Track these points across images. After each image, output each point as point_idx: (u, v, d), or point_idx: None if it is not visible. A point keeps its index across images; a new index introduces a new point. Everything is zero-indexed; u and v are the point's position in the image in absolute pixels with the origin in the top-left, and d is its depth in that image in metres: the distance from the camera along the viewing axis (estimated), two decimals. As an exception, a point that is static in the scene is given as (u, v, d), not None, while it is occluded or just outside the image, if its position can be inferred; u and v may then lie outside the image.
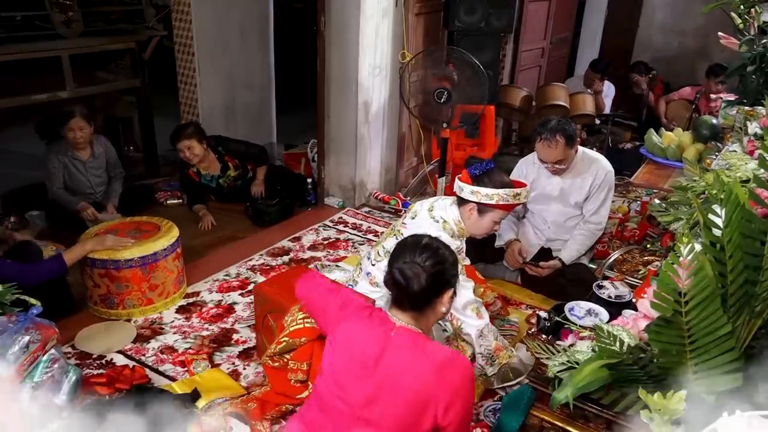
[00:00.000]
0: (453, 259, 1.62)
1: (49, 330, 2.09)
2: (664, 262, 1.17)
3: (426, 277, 1.53)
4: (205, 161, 3.96)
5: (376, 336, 1.55)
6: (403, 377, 1.48)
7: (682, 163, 2.89)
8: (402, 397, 1.47)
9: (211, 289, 3.14)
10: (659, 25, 6.91)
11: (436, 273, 1.55)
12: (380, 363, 1.51)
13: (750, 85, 2.55)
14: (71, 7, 3.98)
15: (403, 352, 1.50)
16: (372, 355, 1.52)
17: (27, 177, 4.04)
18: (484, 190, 2.28)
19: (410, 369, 1.48)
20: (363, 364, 1.53)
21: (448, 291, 1.60)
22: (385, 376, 1.50)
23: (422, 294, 1.54)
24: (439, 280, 1.56)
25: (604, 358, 1.31)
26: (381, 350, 1.52)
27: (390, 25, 3.94)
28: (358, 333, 1.59)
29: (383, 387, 1.50)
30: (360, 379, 1.53)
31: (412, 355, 1.49)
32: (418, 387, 1.46)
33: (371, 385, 1.51)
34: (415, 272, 1.53)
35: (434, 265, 1.55)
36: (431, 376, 1.46)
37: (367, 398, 1.51)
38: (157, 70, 5.01)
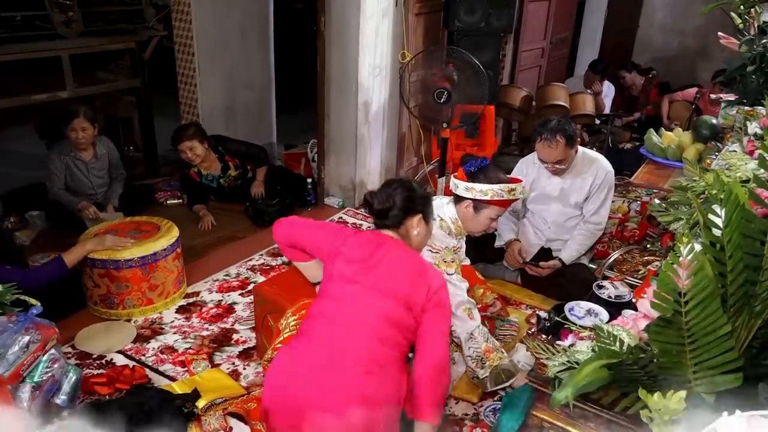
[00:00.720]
0: (422, 194, 1.99)
1: (49, 330, 2.09)
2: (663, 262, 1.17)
3: (390, 198, 1.91)
4: (206, 161, 3.96)
5: (374, 244, 1.87)
6: (400, 272, 1.82)
7: (682, 163, 2.88)
8: (400, 287, 1.79)
9: (211, 289, 3.14)
10: (659, 25, 6.91)
11: (403, 197, 1.91)
12: (381, 261, 1.83)
13: (750, 85, 2.54)
14: (71, 7, 3.98)
15: (398, 255, 1.86)
16: (374, 256, 1.84)
17: (27, 177, 4.04)
18: (479, 186, 2.29)
19: (405, 267, 1.84)
20: (367, 263, 1.83)
21: (415, 215, 1.94)
22: (386, 270, 1.82)
23: (389, 210, 1.91)
24: (405, 203, 1.91)
25: (604, 358, 1.31)
26: (381, 252, 1.84)
27: (390, 25, 3.94)
28: (358, 244, 1.89)
29: (386, 278, 1.81)
30: (366, 274, 1.82)
31: (405, 258, 1.87)
32: (411, 281, 1.81)
33: (377, 277, 1.81)
34: (381, 196, 1.93)
35: (402, 192, 1.92)
36: (421, 274, 1.83)
37: (374, 286, 1.79)
38: (157, 70, 5.01)
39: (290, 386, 1.71)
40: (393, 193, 1.93)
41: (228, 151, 4.08)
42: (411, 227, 1.95)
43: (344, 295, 1.82)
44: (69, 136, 3.61)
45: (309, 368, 1.71)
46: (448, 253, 2.36)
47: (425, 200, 2.00)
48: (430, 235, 2.06)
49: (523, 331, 2.81)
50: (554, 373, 1.46)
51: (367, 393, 1.68)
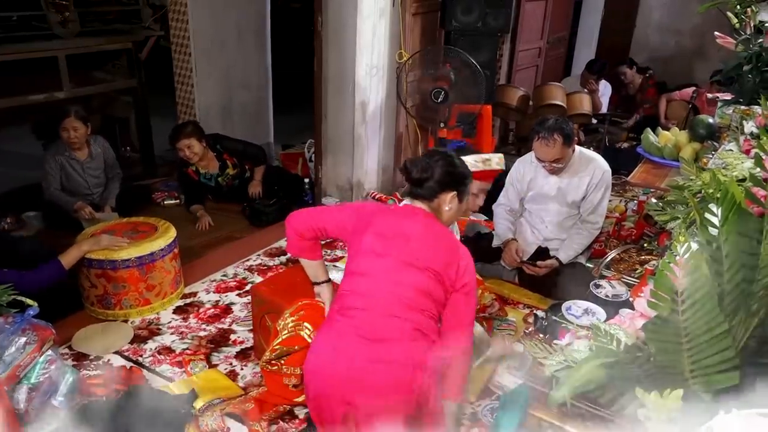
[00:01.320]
0: (463, 172, 1.94)
1: (45, 331, 2.08)
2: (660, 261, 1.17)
3: (430, 169, 1.86)
4: (204, 160, 3.96)
5: (406, 217, 1.88)
6: (432, 247, 1.82)
7: (678, 162, 2.88)
8: (433, 261, 1.79)
9: (209, 289, 3.14)
10: (656, 24, 6.91)
11: (442, 171, 1.87)
12: (414, 234, 1.83)
13: (746, 84, 2.55)
14: (68, 7, 3.97)
15: (430, 229, 1.85)
16: (406, 229, 1.84)
17: (24, 177, 4.04)
18: None
19: (437, 242, 1.83)
20: (400, 236, 1.83)
21: (450, 191, 1.89)
22: (419, 244, 1.81)
23: (425, 181, 1.87)
24: (444, 177, 1.87)
25: (602, 357, 1.31)
26: (413, 225, 1.85)
27: (387, 25, 3.94)
28: (388, 217, 1.89)
29: (419, 252, 1.80)
30: (398, 247, 1.81)
31: (437, 233, 1.86)
32: (443, 256, 1.80)
33: (409, 250, 1.80)
34: (420, 165, 1.88)
35: (443, 165, 1.88)
36: (453, 251, 1.83)
37: (407, 260, 1.79)
38: (154, 71, 5.01)
39: (337, 366, 1.72)
40: (433, 164, 1.89)
41: (226, 150, 4.08)
42: (444, 202, 1.91)
43: (378, 270, 1.81)
44: (62, 136, 3.60)
45: (354, 346, 1.72)
46: None
47: (464, 178, 1.97)
48: (461, 213, 2.04)
49: (521, 330, 2.81)
50: (552, 372, 1.46)
51: (417, 359, 1.72)
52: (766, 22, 2.48)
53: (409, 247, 1.81)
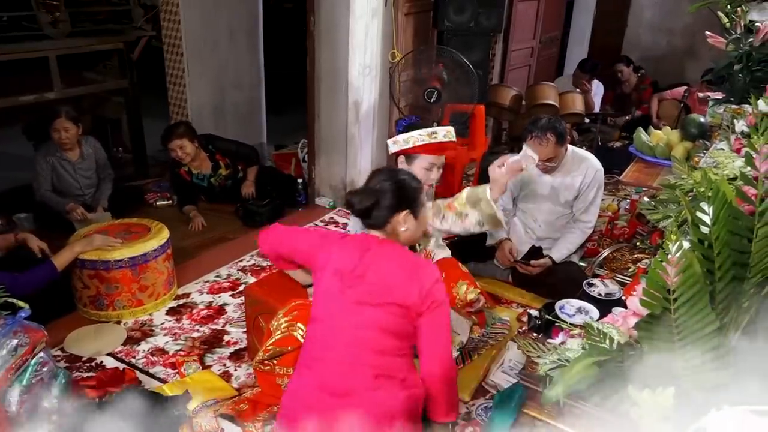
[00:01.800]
0: (410, 186, 1.85)
1: (37, 333, 2.07)
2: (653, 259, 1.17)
3: (373, 196, 1.80)
4: (196, 160, 3.95)
5: (360, 250, 1.79)
6: (388, 277, 1.73)
7: (670, 161, 2.90)
8: (390, 294, 1.71)
9: (202, 290, 3.13)
10: (647, 24, 6.95)
11: (387, 194, 1.80)
12: (368, 268, 1.74)
13: (737, 83, 2.56)
14: (58, 7, 3.95)
15: (385, 258, 1.77)
16: (360, 264, 1.75)
17: (14, 178, 4.01)
18: (402, 136, 2.42)
19: (393, 270, 1.75)
20: (354, 272, 1.75)
21: (401, 212, 1.81)
22: (374, 277, 1.73)
23: (371, 210, 1.80)
24: (390, 200, 1.80)
25: (595, 356, 1.32)
26: (368, 258, 1.76)
27: (380, 24, 3.94)
28: (344, 251, 1.81)
29: (374, 287, 1.73)
30: (353, 286, 1.74)
31: (393, 259, 1.78)
32: (402, 283, 1.72)
33: (364, 288, 1.73)
34: (363, 194, 1.82)
35: (385, 187, 1.81)
36: (411, 274, 1.74)
37: (363, 299, 1.72)
38: (146, 71, 4.98)
39: (303, 420, 1.68)
40: (375, 190, 1.82)
41: (218, 150, 4.06)
42: (398, 224, 1.83)
43: (334, 314, 1.75)
44: (52, 137, 3.58)
45: (319, 407, 1.68)
46: None
47: (413, 193, 1.86)
48: (423, 226, 1.95)
49: (515, 329, 2.82)
50: (545, 371, 1.47)
51: (385, 408, 1.66)
52: (757, 21, 2.49)
53: (365, 285, 1.73)
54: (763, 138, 1.26)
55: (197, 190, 4.08)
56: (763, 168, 1.24)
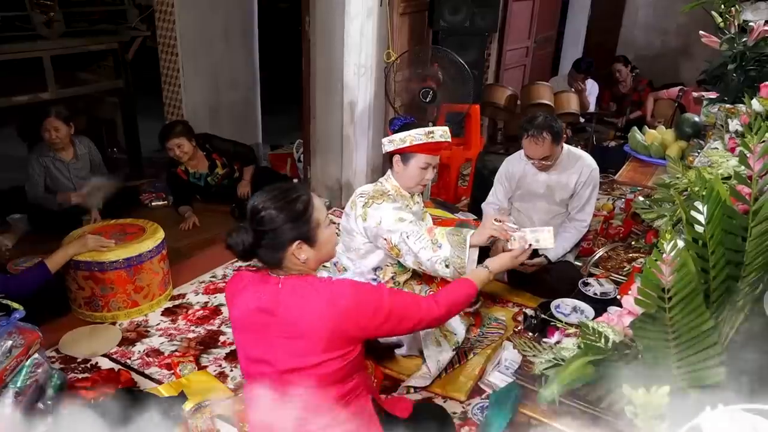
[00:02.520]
0: (291, 208, 1.52)
1: (32, 334, 2.06)
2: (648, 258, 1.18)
3: (246, 236, 1.53)
4: (193, 159, 3.95)
5: (266, 295, 1.55)
6: (303, 319, 1.49)
7: (665, 160, 2.91)
8: (309, 337, 1.50)
9: (197, 290, 3.12)
10: (642, 23, 6.97)
11: (265, 228, 1.52)
12: (278, 315, 1.52)
13: (731, 83, 2.58)
14: (52, 7, 3.94)
15: (295, 298, 1.52)
16: (267, 312, 1.53)
17: (8, 179, 3.99)
18: (398, 135, 2.39)
19: (307, 309, 1.50)
20: (264, 325, 1.54)
21: (290, 245, 1.52)
22: (287, 324, 1.51)
23: (252, 253, 1.55)
24: (271, 236, 1.52)
25: (590, 355, 1.32)
26: (275, 304, 1.53)
27: (375, 24, 3.94)
28: (248, 301, 1.57)
29: (290, 335, 1.51)
30: (267, 338, 1.54)
31: (304, 297, 1.51)
32: (320, 323, 1.49)
33: (279, 338, 1.53)
34: (236, 237, 1.56)
35: (259, 221, 1.52)
36: (327, 310, 1.49)
37: (281, 352, 1.53)
38: (141, 71, 4.97)
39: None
40: (250, 225, 1.54)
41: (215, 150, 4.06)
42: (293, 257, 1.55)
43: (263, 379, 1.59)
44: (43, 137, 3.55)
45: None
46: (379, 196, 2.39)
47: (297, 216, 1.52)
48: (328, 245, 1.63)
49: (510, 329, 2.82)
50: (541, 370, 1.47)
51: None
52: (750, 21, 2.51)
53: (279, 341, 1.53)
54: (756, 137, 1.27)
55: (193, 189, 4.07)
56: (756, 167, 1.24)
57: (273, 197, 1.54)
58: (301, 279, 1.56)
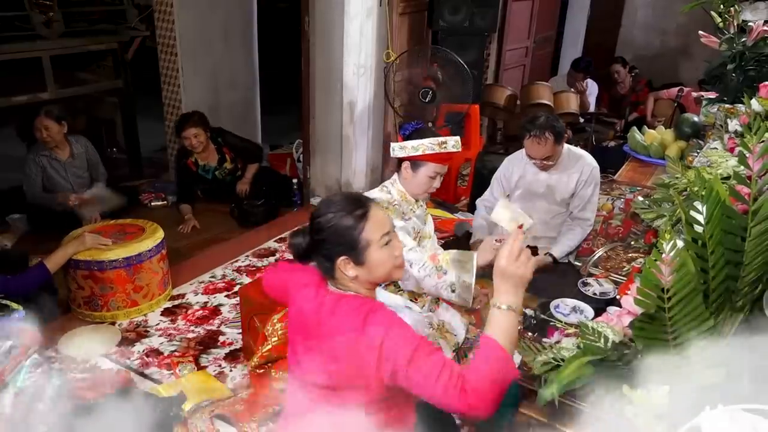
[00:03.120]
0: (342, 226, 1.46)
1: (32, 334, 2.06)
2: (647, 258, 1.18)
3: (304, 248, 1.53)
4: (204, 151, 4.03)
5: (313, 303, 1.54)
6: (338, 336, 1.45)
7: (664, 160, 2.92)
8: (344, 356, 1.45)
9: (197, 291, 3.12)
10: (641, 23, 6.97)
11: (316, 244, 1.51)
12: (315, 328, 1.51)
13: (730, 83, 2.58)
14: (51, 7, 3.94)
15: (332, 316, 1.49)
16: (312, 323, 1.52)
17: (7, 180, 3.99)
18: (411, 143, 2.35)
19: (338, 331, 1.45)
20: (305, 333, 1.54)
21: (338, 258, 1.47)
22: (326, 338, 1.48)
23: (307, 257, 1.55)
24: (321, 247, 1.50)
25: (589, 355, 1.32)
26: (316, 316, 1.51)
27: (374, 24, 3.94)
28: (302, 302, 1.58)
29: (327, 350, 1.48)
30: (308, 348, 1.53)
31: (339, 317, 1.47)
32: (352, 343, 1.43)
33: (313, 351, 1.51)
34: (296, 242, 1.54)
35: (313, 238, 1.51)
36: (360, 330, 1.42)
37: (317, 365, 1.50)
38: (140, 71, 4.97)
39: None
40: (308, 230, 1.54)
41: (226, 144, 4.14)
42: (341, 273, 1.50)
43: (298, 385, 1.59)
44: (35, 136, 3.54)
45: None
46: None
47: (347, 229, 1.47)
48: (381, 267, 1.51)
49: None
50: (540, 370, 1.47)
51: None
52: (749, 21, 2.51)
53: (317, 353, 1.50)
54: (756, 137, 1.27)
55: (199, 182, 4.11)
56: (756, 167, 1.24)
57: (333, 203, 1.52)
58: (345, 297, 1.51)
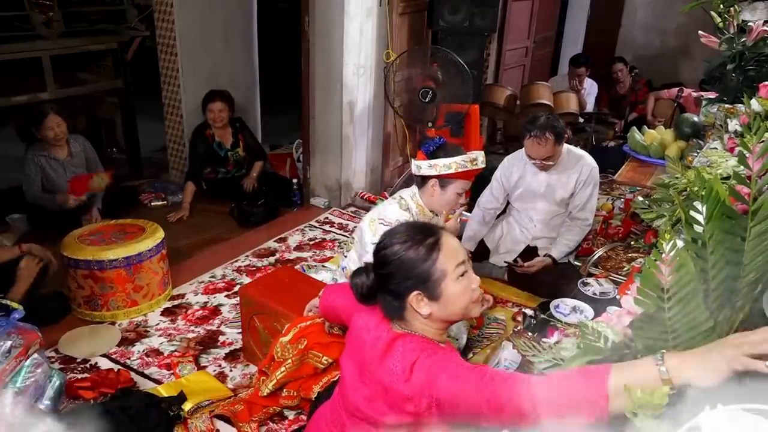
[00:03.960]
0: (403, 257, 1.35)
1: (31, 334, 2.06)
2: (647, 258, 1.18)
3: (369, 287, 1.40)
4: (223, 129, 4.21)
5: (372, 337, 1.44)
6: (386, 377, 1.36)
7: (664, 160, 2.92)
8: (388, 395, 1.36)
9: (197, 290, 3.12)
10: (641, 23, 6.97)
11: (382, 280, 1.38)
12: (371, 362, 1.41)
13: (730, 83, 2.58)
14: (51, 7, 3.94)
15: (388, 353, 1.38)
16: (366, 355, 1.44)
17: (7, 180, 3.98)
18: (442, 161, 2.34)
19: (391, 369, 1.35)
20: (361, 361, 1.46)
21: (410, 293, 1.35)
22: (373, 372, 1.40)
23: (371, 296, 1.42)
24: (387, 282, 1.37)
25: (589, 355, 1.32)
26: (372, 350, 1.42)
27: (374, 24, 3.94)
28: (362, 334, 1.48)
29: (372, 384, 1.40)
30: (356, 376, 1.46)
31: (392, 357, 1.37)
32: (398, 386, 1.32)
33: (364, 382, 1.43)
34: (360, 282, 1.41)
35: (378, 274, 1.38)
36: (406, 377, 1.32)
37: (362, 397, 1.43)
38: (140, 71, 4.96)
39: None
40: (371, 267, 1.41)
41: (242, 132, 4.31)
42: (412, 312, 1.37)
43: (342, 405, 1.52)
44: (45, 136, 3.53)
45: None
46: None
47: (419, 260, 1.34)
48: (458, 302, 1.38)
49: (510, 328, 2.82)
50: (540, 370, 1.47)
51: None
52: (749, 21, 2.51)
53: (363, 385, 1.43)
54: (756, 137, 1.27)
55: (211, 158, 4.21)
56: (756, 167, 1.24)
57: (398, 233, 1.39)
58: (406, 337, 1.38)
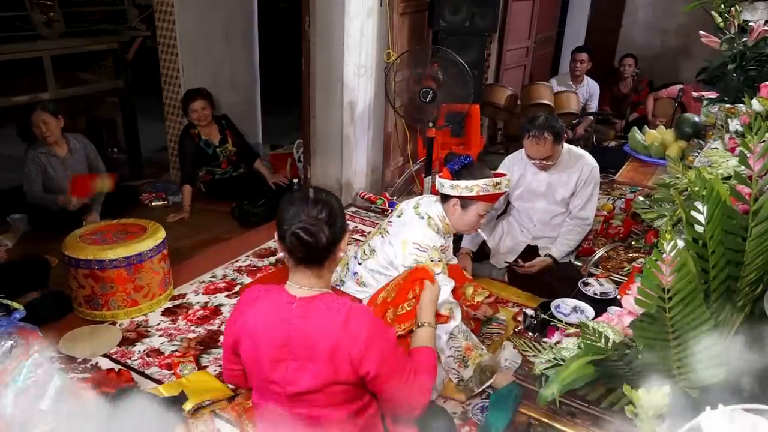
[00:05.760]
0: (339, 205, 1.62)
1: (32, 334, 2.06)
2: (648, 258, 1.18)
3: (327, 229, 1.53)
4: (208, 127, 4.18)
5: (277, 316, 1.55)
6: (316, 344, 1.50)
7: (665, 160, 2.92)
8: (321, 362, 1.49)
9: (198, 290, 3.12)
10: (642, 23, 6.97)
11: (332, 223, 1.55)
12: (291, 339, 1.52)
13: (731, 83, 2.58)
14: (52, 7, 3.94)
15: (309, 320, 1.52)
16: (280, 335, 1.53)
17: (8, 179, 3.98)
18: (464, 183, 2.31)
19: (319, 332, 1.50)
20: (275, 346, 1.53)
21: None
22: (300, 348, 1.51)
23: (327, 246, 1.54)
24: (337, 230, 1.56)
25: (590, 355, 1.32)
26: (287, 327, 1.52)
27: (375, 24, 3.94)
28: (258, 319, 1.57)
29: (301, 360, 1.51)
30: (279, 361, 1.53)
31: (317, 319, 1.52)
32: (331, 345, 1.49)
33: (291, 362, 1.52)
34: (317, 227, 1.52)
35: (330, 216, 1.55)
36: (339, 332, 1.49)
37: (292, 377, 1.52)
38: (141, 71, 4.96)
39: None
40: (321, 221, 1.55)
41: (229, 128, 4.30)
42: (339, 251, 1.61)
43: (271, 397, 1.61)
44: (34, 133, 3.52)
45: None
46: (435, 253, 2.36)
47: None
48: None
49: (510, 329, 2.82)
50: (541, 370, 1.47)
51: None
52: (750, 21, 2.51)
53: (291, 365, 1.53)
54: (756, 137, 1.27)
55: (200, 157, 4.18)
56: (756, 167, 1.24)
57: (330, 197, 1.63)
58: (315, 299, 1.56)
